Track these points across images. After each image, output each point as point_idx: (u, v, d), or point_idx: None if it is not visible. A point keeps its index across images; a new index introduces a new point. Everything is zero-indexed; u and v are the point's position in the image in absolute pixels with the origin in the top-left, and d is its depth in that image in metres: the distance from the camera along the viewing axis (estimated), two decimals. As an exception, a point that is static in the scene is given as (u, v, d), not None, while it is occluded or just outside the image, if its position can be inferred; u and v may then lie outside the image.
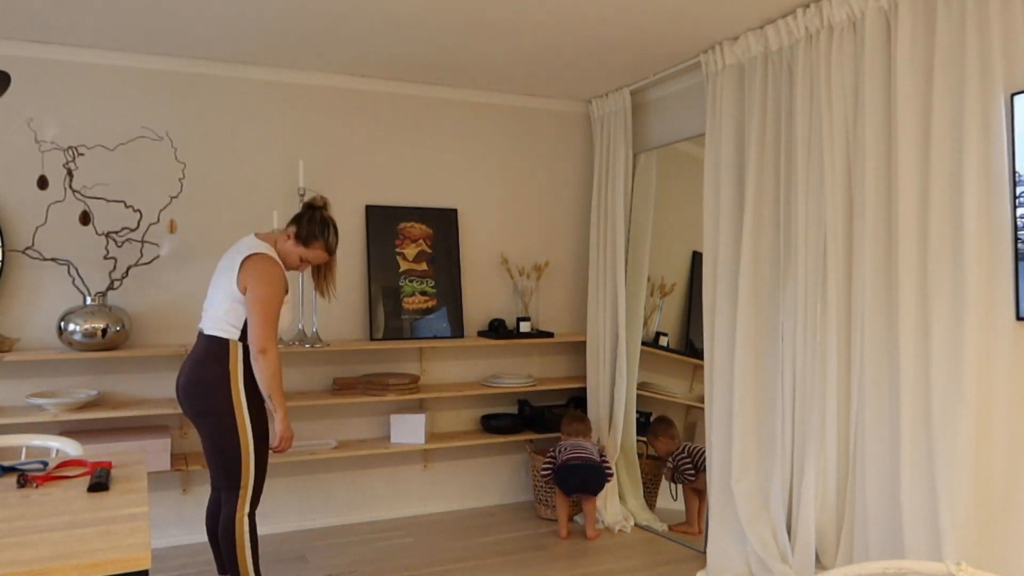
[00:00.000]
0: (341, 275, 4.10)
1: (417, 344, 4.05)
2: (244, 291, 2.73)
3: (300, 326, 3.93)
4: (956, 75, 2.53)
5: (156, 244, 3.72)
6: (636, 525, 4.04)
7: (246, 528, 2.78)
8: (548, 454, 3.98)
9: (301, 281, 3.97)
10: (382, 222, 4.18)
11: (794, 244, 3.11)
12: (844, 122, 2.94)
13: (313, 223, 2.88)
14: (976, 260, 2.43)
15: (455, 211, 4.36)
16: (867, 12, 2.80)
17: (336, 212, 4.09)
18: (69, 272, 3.55)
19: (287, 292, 2.83)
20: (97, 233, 3.60)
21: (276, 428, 2.77)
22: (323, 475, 4.05)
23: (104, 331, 3.38)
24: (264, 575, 3.39)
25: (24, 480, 1.99)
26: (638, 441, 4.15)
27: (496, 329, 4.31)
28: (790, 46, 3.17)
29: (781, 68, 3.21)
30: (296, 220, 2.90)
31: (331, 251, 2.94)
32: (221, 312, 2.76)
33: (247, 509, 2.79)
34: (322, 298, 3.08)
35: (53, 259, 3.54)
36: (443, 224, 4.32)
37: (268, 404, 2.77)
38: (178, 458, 3.65)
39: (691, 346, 3.96)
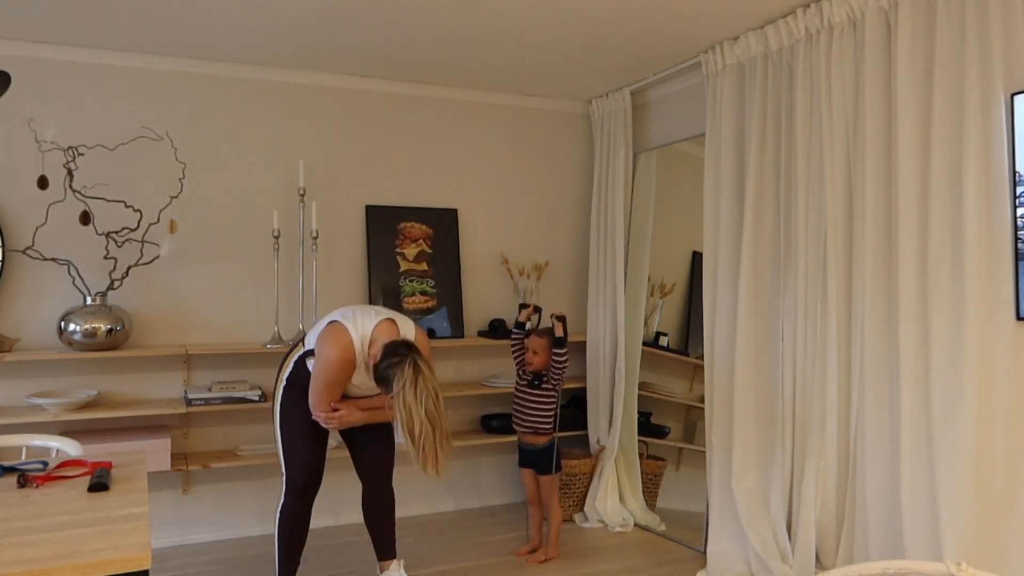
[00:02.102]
0: (341, 275, 4.10)
1: (417, 344, 4.05)
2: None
3: (301, 326, 3.93)
4: (956, 75, 2.53)
5: (156, 244, 3.72)
6: (636, 525, 4.04)
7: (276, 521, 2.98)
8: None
9: (301, 280, 3.97)
10: (382, 222, 4.18)
11: (794, 244, 3.11)
12: (844, 122, 2.94)
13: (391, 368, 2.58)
14: (976, 260, 2.43)
15: (455, 211, 4.36)
16: (867, 12, 2.80)
17: (336, 212, 4.10)
18: (69, 272, 3.55)
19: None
20: (97, 233, 3.60)
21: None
22: (323, 475, 4.04)
23: (104, 331, 3.38)
24: (263, 575, 3.39)
25: (24, 480, 1.99)
26: (639, 441, 4.15)
27: (496, 329, 4.31)
28: (790, 46, 3.17)
29: (781, 68, 3.21)
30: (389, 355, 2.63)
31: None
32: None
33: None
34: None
35: (53, 259, 3.54)
36: (443, 224, 4.32)
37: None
38: (178, 458, 3.65)
39: (691, 346, 3.95)
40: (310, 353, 2.84)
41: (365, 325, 2.74)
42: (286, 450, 2.89)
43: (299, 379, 2.88)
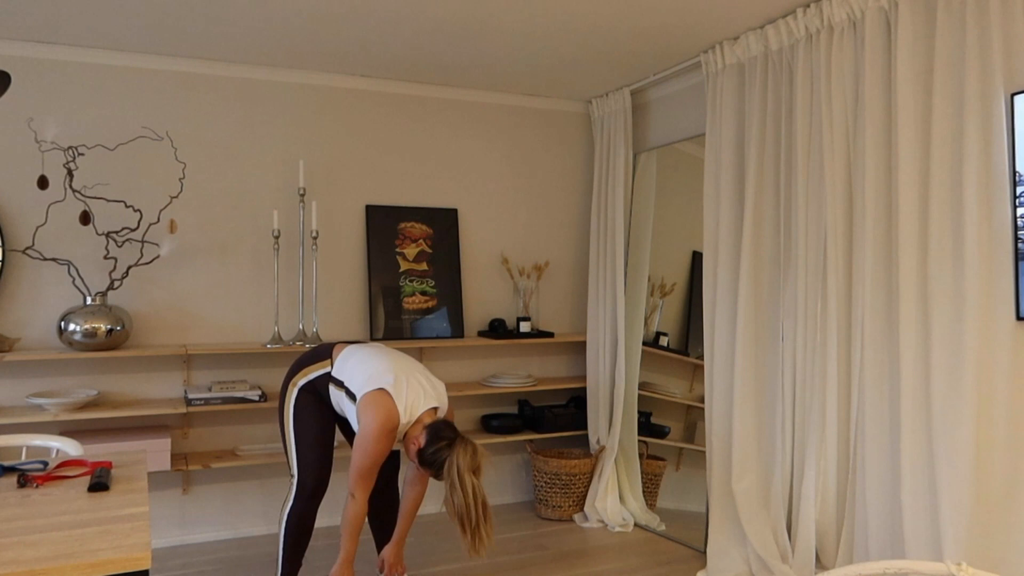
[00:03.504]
0: (341, 274, 4.10)
1: (417, 344, 4.05)
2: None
3: (301, 326, 3.93)
4: (956, 75, 2.53)
5: (156, 244, 3.72)
6: (636, 525, 4.04)
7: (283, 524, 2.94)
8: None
9: (301, 280, 3.97)
10: (382, 222, 4.18)
11: (794, 244, 3.11)
12: (844, 122, 2.94)
13: (438, 455, 2.62)
14: (976, 260, 2.43)
15: (455, 211, 4.36)
16: (867, 12, 2.80)
17: (336, 212, 4.10)
18: (69, 272, 3.55)
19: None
20: (97, 233, 3.61)
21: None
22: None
23: (104, 331, 3.38)
24: (263, 575, 3.39)
25: (24, 480, 1.99)
26: (639, 441, 4.15)
27: (496, 329, 4.31)
28: (790, 46, 3.17)
29: (781, 68, 3.21)
30: (435, 439, 2.66)
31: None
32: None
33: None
34: None
35: (53, 259, 3.54)
36: (443, 224, 4.32)
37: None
38: (178, 458, 3.65)
39: (691, 346, 3.95)
40: (339, 383, 2.79)
41: (415, 409, 2.67)
42: (300, 454, 2.86)
43: (318, 388, 2.87)
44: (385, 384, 2.65)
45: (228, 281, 3.88)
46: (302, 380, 2.90)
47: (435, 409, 2.75)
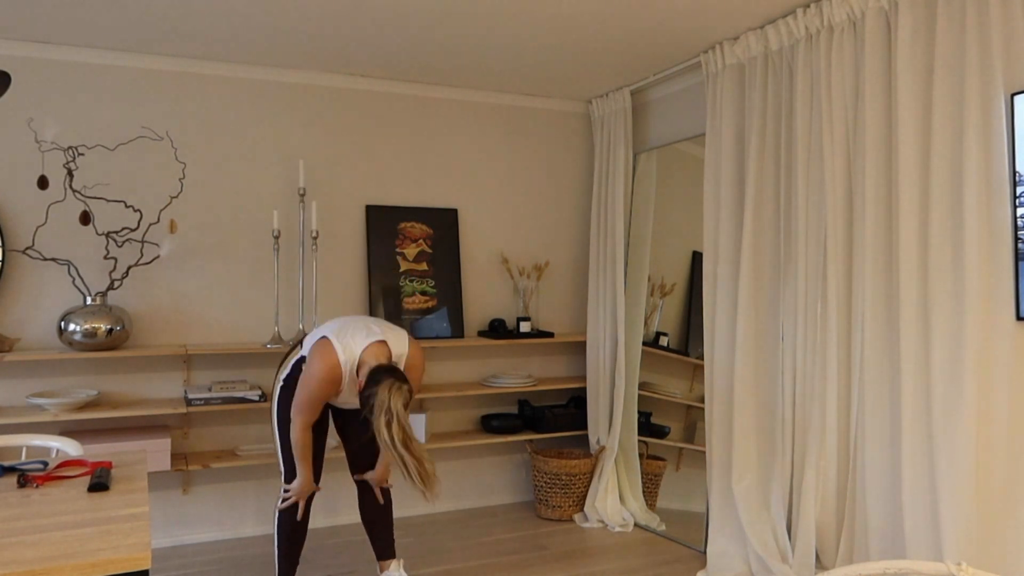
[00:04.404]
0: (341, 275, 4.10)
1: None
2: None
3: (301, 326, 3.93)
4: (956, 75, 2.53)
5: (156, 244, 3.72)
6: (636, 525, 4.04)
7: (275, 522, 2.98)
8: None
9: (301, 280, 3.97)
10: (382, 222, 4.17)
11: (794, 244, 3.11)
12: (844, 122, 2.94)
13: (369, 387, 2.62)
14: (976, 260, 2.43)
15: (455, 211, 4.36)
16: (867, 12, 2.80)
17: (336, 212, 4.10)
18: (69, 272, 3.55)
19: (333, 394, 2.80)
20: (97, 233, 3.61)
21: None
22: (323, 475, 4.05)
23: (104, 331, 3.38)
24: (263, 575, 3.39)
25: (24, 480, 1.99)
26: (639, 441, 4.15)
27: (496, 329, 4.31)
28: (790, 46, 3.17)
29: (781, 68, 3.21)
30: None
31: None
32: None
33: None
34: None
35: (53, 259, 3.54)
36: (443, 224, 4.32)
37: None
38: (178, 458, 3.65)
39: (691, 346, 3.95)
40: (305, 359, 2.86)
41: (354, 347, 2.70)
42: (284, 451, 2.90)
43: (296, 381, 2.88)
44: (327, 332, 2.76)
45: (228, 281, 3.88)
46: (283, 373, 2.93)
47: (382, 345, 2.72)
